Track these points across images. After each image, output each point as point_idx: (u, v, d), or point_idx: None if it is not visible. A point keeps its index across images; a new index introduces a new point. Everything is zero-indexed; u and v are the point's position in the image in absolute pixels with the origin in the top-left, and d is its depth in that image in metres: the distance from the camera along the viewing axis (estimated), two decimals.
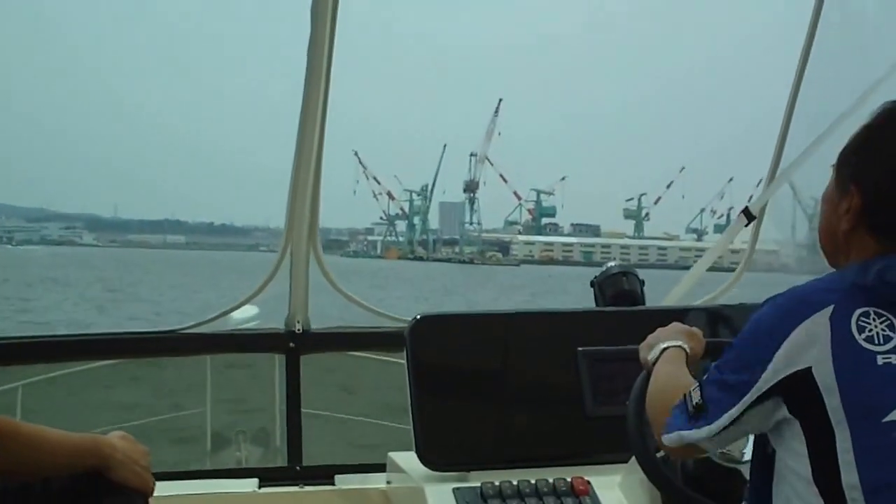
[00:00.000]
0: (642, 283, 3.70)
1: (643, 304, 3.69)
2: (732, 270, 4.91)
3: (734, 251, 5.30)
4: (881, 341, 1.92)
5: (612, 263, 3.76)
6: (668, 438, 2.19)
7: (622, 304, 3.63)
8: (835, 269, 2.17)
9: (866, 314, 1.94)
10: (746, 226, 4.73)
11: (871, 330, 1.92)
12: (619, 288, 3.65)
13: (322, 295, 4.26)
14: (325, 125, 3.93)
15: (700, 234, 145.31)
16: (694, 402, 2.12)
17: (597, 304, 3.71)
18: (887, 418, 1.88)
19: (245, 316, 4.32)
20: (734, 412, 2.03)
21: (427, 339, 3.31)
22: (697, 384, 2.16)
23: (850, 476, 1.88)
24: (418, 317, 3.35)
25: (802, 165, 4.65)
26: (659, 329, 2.68)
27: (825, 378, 1.90)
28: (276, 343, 4.14)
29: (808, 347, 1.92)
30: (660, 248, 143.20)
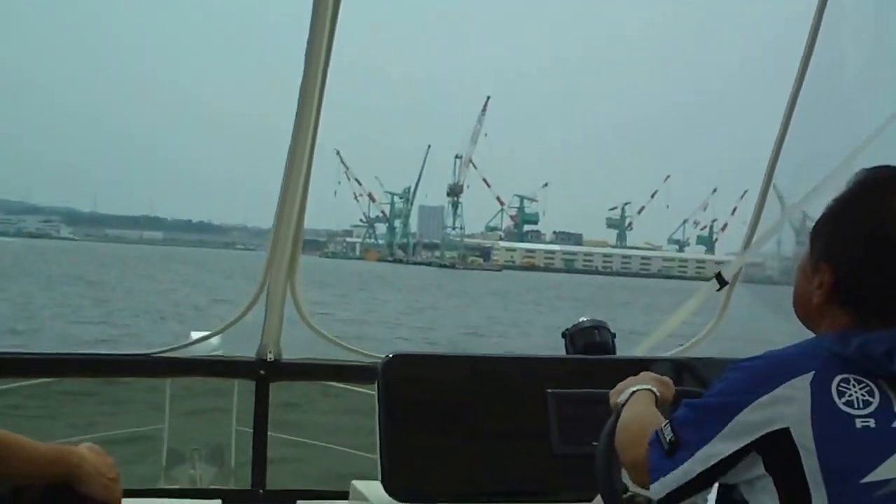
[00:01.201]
0: (613, 335, 3.73)
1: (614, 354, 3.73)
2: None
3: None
4: (860, 406, 1.90)
5: (583, 318, 3.77)
6: (654, 488, 2.14)
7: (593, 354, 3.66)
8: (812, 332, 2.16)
9: (846, 380, 1.92)
10: (718, 290, 4.68)
11: (850, 395, 1.91)
12: (590, 339, 3.67)
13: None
14: (311, 171, 3.95)
15: (682, 245, 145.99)
16: (667, 439, 2.10)
17: (567, 354, 3.72)
18: (864, 480, 1.86)
19: (208, 344, 4.34)
20: (711, 454, 2.00)
21: (399, 376, 3.34)
22: (667, 422, 2.14)
23: None
24: (391, 355, 3.37)
25: (779, 231, 4.65)
26: (630, 377, 2.66)
27: (803, 439, 1.89)
28: (248, 370, 4.15)
29: (787, 408, 1.91)
30: (643, 257, 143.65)
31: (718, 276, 4.66)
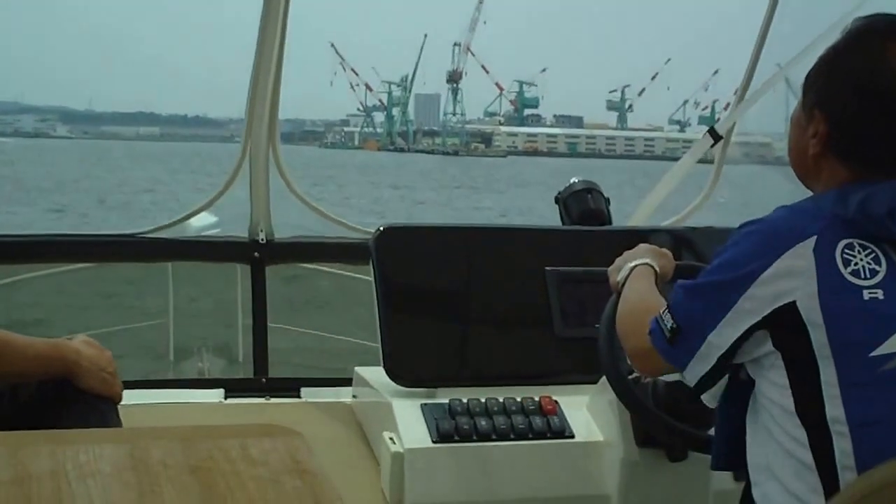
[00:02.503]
0: (608, 200, 3.72)
1: (610, 223, 3.72)
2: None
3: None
4: (867, 275, 1.90)
5: (574, 179, 3.75)
6: (686, 377, 2.13)
7: (588, 223, 3.65)
8: (810, 191, 2.14)
9: (850, 246, 1.92)
10: (712, 146, 4.65)
11: (856, 263, 1.91)
12: (585, 207, 3.67)
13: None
14: (288, 22, 3.83)
15: (683, 125, 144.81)
16: (668, 326, 2.09)
17: (562, 223, 3.74)
18: (873, 353, 1.88)
19: (206, 223, 4.33)
20: (719, 340, 2.01)
21: (392, 251, 3.32)
22: (666, 306, 2.13)
23: (834, 410, 1.89)
24: (382, 228, 3.35)
25: (772, 87, 4.58)
26: (627, 251, 2.69)
27: (810, 313, 1.89)
28: (241, 252, 4.14)
29: (792, 280, 1.91)
30: (647, 139, 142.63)
31: (712, 131, 4.60)
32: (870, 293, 1.90)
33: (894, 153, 2.02)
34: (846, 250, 1.92)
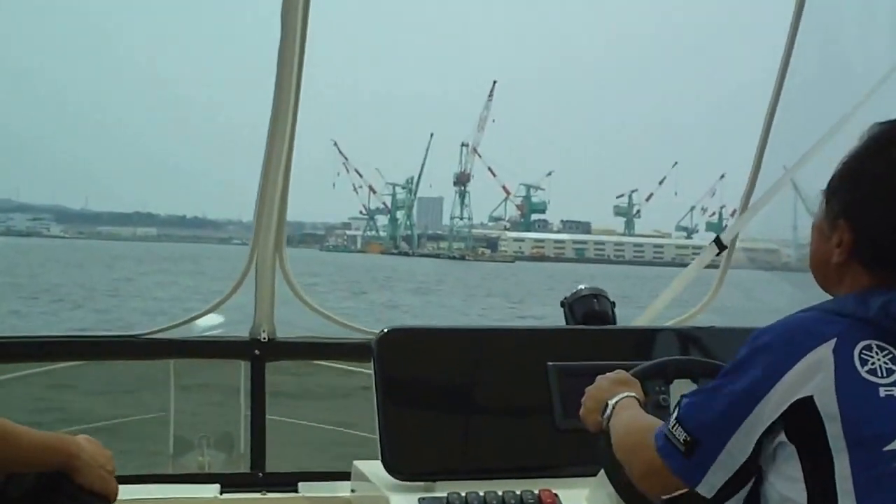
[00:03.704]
0: (613, 304, 3.78)
1: (614, 324, 3.76)
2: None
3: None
4: (884, 374, 1.95)
5: (582, 286, 3.82)
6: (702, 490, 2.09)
7: (593, 325, 3.70)
8: (829, 295, 2.19)
9: (868, 347, 1.97)
10: (718, 255, 4.80)
11: (873, 363, 1.95)
12: (589, 308, 3.73)
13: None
14: (295, 134, 4.01)
15: (690, 231, 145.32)
16: (681, 440, 2.09)
17: (567, 324, 3.78)
18: (888, 447, 1.91)
19: (210, 324, 4.42)
20: (741, 446, 2.02)
21: (395, 352, 3.36)
22: (674, 419, 2.12)
23: (847, 503, 1.91)
24: (386, 329, 3.40)
25: (775, 195, 4.71)
26: (588, 390, 2.69)
27: (827, 406, 1.93)
28: (242, 351, 4.24)
29: (811, 378, 1.95)
30: (656, 245, 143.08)
31: (717, 241, 4.71)
32: (886, 391, 1.94)
33: None
34: (864, 351, 1.96)
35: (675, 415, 2.12)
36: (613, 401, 2.54)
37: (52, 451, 2.45)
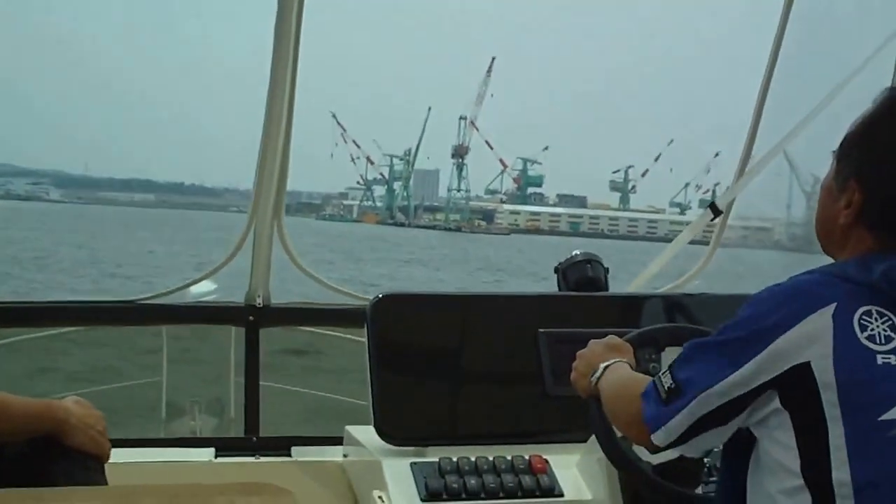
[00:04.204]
0: (606, 270, 3.77)
1: (607, 290, 3.75)
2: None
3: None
4: (882, 341, 1.95)
5: (576, 252, 3.80)
6: (656, 436, 2.13)
7: (586, 291, 3.70)
8: (831, 259, 2.19)
9: (868, 313, 1.97)
10: (713, 220, 4.81)
11: (872, 329, 1.95)
12: (582, 275, 3.72)
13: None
14: (294, 102, 4.01)
15: (683, 208, 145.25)
16: (665, 387, 2.11)
17: (560, 290, 3.77)
18: (883, 416, 1.91)
19: (203, 290, 4.42)
20: (716, 397, 2.03)
21: (388, 318, 3.39)
22: (666, 368, 2.15)
23: (840, 471, 1.92)
24: (380, 295, 3.43)
25: (771, 161, 4.73)
26: (580, 354, 2.68)
27: (824, 374, 1.93)
28: (236, 316, 4.25)
29: (809, 343, 1.95)
30: (650, 220, 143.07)
31: (712, 206, 4.72)
32: (883, 358, 1.94)
33: None
34: (864, 317, 1.97)
35: (670, 363, 2.15)
36: (604, 364, 2.54)
37: (41, 417, 2.47)
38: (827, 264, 2.13)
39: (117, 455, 2.63)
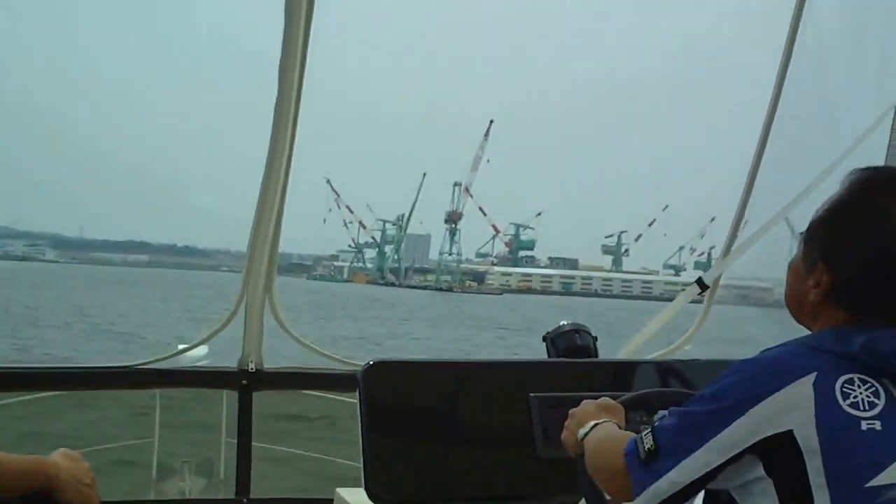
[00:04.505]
0: (595, 338, 3.77)
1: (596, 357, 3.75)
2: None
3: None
4: (866, 407, 1.92)
5: (564, 322, 3.80)
6: (638, 501, 2.12)
7: (575, 358, 3.68)
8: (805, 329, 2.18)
9: (850, 381, 1.94)
10: (700, 294, 4.85)
11: (855, 396, 1.92)
12: (571, 343, 3.71)
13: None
14: (288, 181, 4.08)
15: (678, 269, 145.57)
16: (646, 447, 2.09)
17: (550, 358, 3.76)
18: (871, 483, 1.88)
19: (195, 355, 4.43)
20: (696, 465, 2.01)
21: (380, 383, 3.38)
22: (648, 428, 2.12)
23: None
24: (371, 361, 3.43)
25: (759, 240, 4.76)
26: (572, 412, 2.64)
27: (807, 441, 1.90)
28: (230, 381, 4.27)
29: (790, 411, 1.92)
30: (644, 281, 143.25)
31: (699, 281, 4.76)
32: (868, 424, 1.92)
33: (894, 306, 2.05)
34: (846, 385, 1.94)
35: (652, 424, 2.13)
36: (594, 422, 2.52)
37: (31, 474, 2.48)
38: (802, 336, 2.12)
39: None
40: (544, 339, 3.77)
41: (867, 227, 2.07)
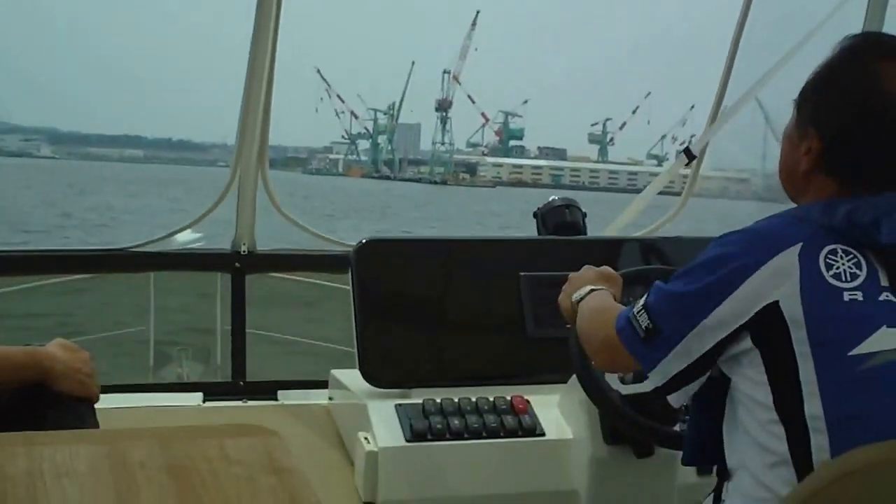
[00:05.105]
0: (584, 214, 3.76)
1: (585, 234, 3.74)
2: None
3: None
4: (848, 278, 1.95)
5: (554, 197, 3.80)
6: (653, 377, 2.11)
7: (564, 235, 3.69)
8: (795, 205, 2.17)
9: (834, 252, 1.97)
10: (687, 165, 4.80)
11: (838, 267, 1.95)
12: (561, 219, 3.70)
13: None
14: (276, 51, 3.98)
15: (660, 160, 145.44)
16: (643, 326, 2.09)
17: (539, 235, 3.76)
18: (852, 352, 1.91)
19: (188, 238, 4.39)
20: (699, 341, 2.02)
21: (372, 262, 3.39)
22: (641, 307, 2.11)
23: (812, 406, 1.92)
24: (364, 240, 3.42)
25: (743, 107, 4.71)
26: (572, 276, 2.65)
27: (793, 311, 1.93)
28: (222, 263, 4.23)
29: (777, 282, 1.94)
30: (630, 172, 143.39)
31: (687, 151, 4.72)
32: (850, 295, 1.94)
33: (882, 170, 2.05)
34: (829, 256, 1.96)
35: (643, 301, 2.12)
36: (590, 287, 2.53)
37: (26, 365, 2.43)
38: (789, 209, 2.12)
39: (107, 400, 2.61)
40: (535, 214, 3.75)
41: (853, 89, 2.06)
